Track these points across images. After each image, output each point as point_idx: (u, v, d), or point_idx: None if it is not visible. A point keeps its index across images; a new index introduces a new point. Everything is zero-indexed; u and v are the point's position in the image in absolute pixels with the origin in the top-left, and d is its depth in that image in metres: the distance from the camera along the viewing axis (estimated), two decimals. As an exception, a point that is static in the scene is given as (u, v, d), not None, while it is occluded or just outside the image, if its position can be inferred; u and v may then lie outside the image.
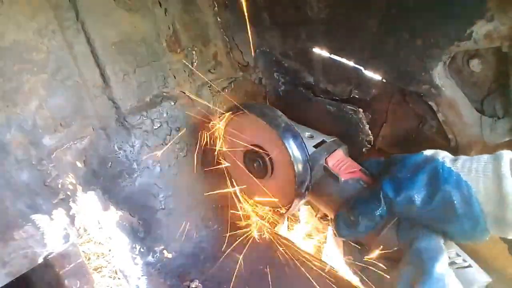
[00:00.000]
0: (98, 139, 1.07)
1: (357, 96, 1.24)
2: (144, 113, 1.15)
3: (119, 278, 1.12)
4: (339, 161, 1.07)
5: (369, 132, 1.24)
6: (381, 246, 0.87)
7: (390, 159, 0.92)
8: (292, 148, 0.99)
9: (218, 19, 1.33)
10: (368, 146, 1.26)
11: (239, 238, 1.29)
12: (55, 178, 1.00)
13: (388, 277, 0.83)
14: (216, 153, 1.23)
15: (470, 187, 0.69)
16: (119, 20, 1.09)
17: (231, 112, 1.11)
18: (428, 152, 0.82)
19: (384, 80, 1.13)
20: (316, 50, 1.28)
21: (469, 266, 0.79)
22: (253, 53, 1.40)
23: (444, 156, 0.79)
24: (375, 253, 0.88)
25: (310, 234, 1.74)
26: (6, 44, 0.91)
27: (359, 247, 0.98)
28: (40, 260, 0.99)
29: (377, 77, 1.15)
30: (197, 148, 1.26)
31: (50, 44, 0.98)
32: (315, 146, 1.11)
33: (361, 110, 1.24)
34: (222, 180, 1.33)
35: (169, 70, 1.20)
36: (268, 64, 1.44)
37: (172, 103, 1.21)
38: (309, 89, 1.38)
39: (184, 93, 1.24)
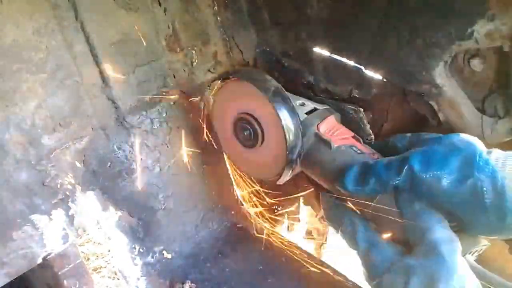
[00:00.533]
0: (98, 139, 1.07)
1: (357, 96, 1.23)
2: (144, 113, 1.14)
3: (118, 279, 1.12)
4: (331, 128, 1.04)
5: (370, 131, 1.23)
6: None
7: (419, 134, 0.89)
8: (283, 112, 0.95)
9: (218, 19, 1.32)
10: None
11: (239, 238, 1.29)
12: (54, 178, 0.99)
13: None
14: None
15: (504, 180, 0.68)
16: (119, 19, 1.09)
17: (219, 81, 1.08)
18: (464, 136, 0.79)
19: (384, 80, 1.12)
20: (317, 49, 1.28)
21: None
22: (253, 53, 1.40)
23: (480, 144, 0.76)
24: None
25: (310, 234, 1.73)
26: (5, 44, 0.91)
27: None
28: (39, 261, 0.98)
29: (377, 76, 1.14)
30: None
31: (49, 44, 0.97)
32: (307, 114, 1.08)
33: (361, 109, 1.23)
34: (224, 180, 1.33)
35: (168, 70, 1.20)
36: (268, 64, 1.43)
37: (172, 103, 1.20)
38: (309, 89, 1.37)
39: (184, 92, 1.23)
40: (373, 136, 1.24)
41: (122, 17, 1.09)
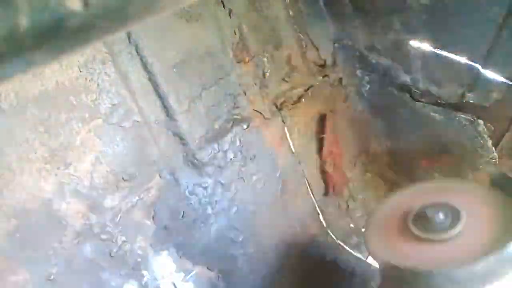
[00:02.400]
0: (167, 187, 0.88)
1: (472, 101, 1.01)
2: (215, 145, 0.94)
3: None
4: None
5: (493, 149, 1.00)
6: None
7: None
8: None
9: (290, 13, 1.09)
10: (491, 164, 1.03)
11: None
12: (122, 246, 0.81)
13: None
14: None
15: None
16: (179, 33, 0.87)
17: None
18: None
19: (510, 83, 0.92)
20: (415, 43, 1.05)
21: None
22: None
23: None
24: None
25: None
26: (48, 89, 0.71)
27: None
28: None
29: (500, 78, 0.94)
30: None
31: (101, 80, 0.77)
32: None
33: (481, 121, 1.00)
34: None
35: (238, 86, 0.98)
36: (349, 60, 1.20)
37: (245, 127, 0.99)
38: (404, 91, 1.14)
39: (258, 112, 1.02)
40: (496, 155, 1.01)
41: (183, 30, 0.88)
